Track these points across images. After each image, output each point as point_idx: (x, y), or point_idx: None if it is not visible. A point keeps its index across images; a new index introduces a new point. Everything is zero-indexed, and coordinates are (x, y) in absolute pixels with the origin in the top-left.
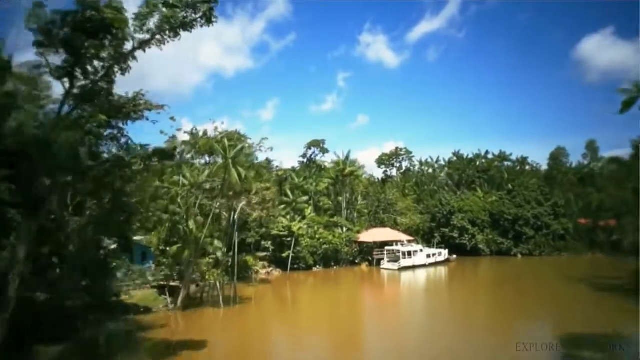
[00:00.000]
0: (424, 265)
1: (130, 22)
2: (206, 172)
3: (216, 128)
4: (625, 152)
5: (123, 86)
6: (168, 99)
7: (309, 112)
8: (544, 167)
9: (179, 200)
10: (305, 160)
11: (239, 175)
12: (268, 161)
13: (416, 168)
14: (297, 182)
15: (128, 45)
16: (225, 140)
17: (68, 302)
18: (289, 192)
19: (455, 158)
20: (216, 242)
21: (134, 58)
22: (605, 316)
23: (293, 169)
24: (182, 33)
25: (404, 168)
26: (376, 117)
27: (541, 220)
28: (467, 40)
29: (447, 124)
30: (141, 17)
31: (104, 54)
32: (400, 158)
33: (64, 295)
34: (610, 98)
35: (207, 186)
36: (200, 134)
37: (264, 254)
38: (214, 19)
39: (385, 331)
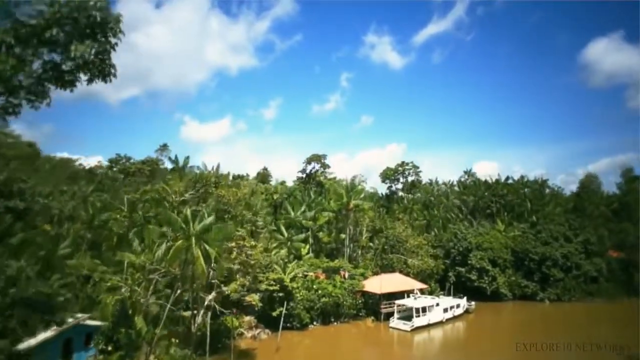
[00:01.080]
0: (440, 322)
1: None
2: (163, 248)
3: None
4: (629, 157)
5: (126, 85)
6: (171, 96)
7: (312, 112)
8: (560, 184)
9: (123, 292)
10: (304, 175)
11: (208, 255)
12: (264, 176)
13: (423, 183)
14: (293, 217)
15: None
16: (188, 211)
17: None
18: (282, 229)
19: (467, 176)
20: (173, 351)
21: None
22: None
23: (289, 195)
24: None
25: (409, 182)
26: (380, 118)
27: (571, 260)
28: (472, 42)
29: (451, 126)
30: None
31: None
32: (406, 173)
33: None
34: (614, 101)
35: (162, 270)
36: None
37: (256, 296)
38: (112, 71)
39: None
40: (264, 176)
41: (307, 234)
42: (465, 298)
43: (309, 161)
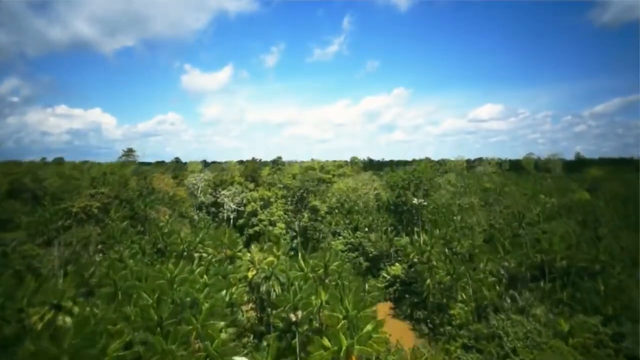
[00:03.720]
0: None
1: None
2: None
3: None
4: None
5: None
6: (169, 45)
7: (314, 57)
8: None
9: None
10: (295, 200)
11: None
12: (252, 168)
13: (440, 193)
14: None
15: None
16: None
17: None
18: None
19: (497, 195)
20: None
21: None
22: None
23: (267, 278)
24: None
25: (422, 193)
26: (385, 63)
27: None
28: None
29: (457, 69)
30: None
31: None
32: (419, 180)
33: None
34: (626, 39)
35: None
36: None
37: None
38: None
39: None
40: (252, 168)
41: None
42: None
43: (302, 183)
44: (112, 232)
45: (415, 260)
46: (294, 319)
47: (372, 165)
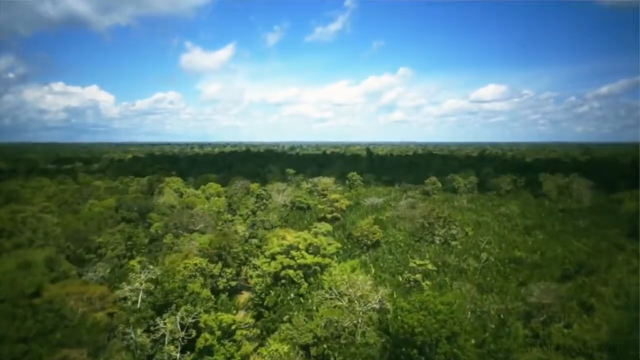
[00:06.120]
0: None
1: None
2: None
3: None
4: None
5: (118, 7)
6: (168, 20)
7: (317, 36)
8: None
9: None
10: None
11: None
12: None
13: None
14: None
15: None
16: None
17: None
18: None
19: None
20: None
21: None
22: None
23: None
24: None
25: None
26: (390, 42)
27: None
28: None
29: (461, 49)
30: None
31: None
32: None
33: None
34: (633, 18)
35: None
36: None
37: None
38: None
39: None
40: (219, 244)
41: None
42: None
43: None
44: None
45: None
46: None
47: (371, 161)
